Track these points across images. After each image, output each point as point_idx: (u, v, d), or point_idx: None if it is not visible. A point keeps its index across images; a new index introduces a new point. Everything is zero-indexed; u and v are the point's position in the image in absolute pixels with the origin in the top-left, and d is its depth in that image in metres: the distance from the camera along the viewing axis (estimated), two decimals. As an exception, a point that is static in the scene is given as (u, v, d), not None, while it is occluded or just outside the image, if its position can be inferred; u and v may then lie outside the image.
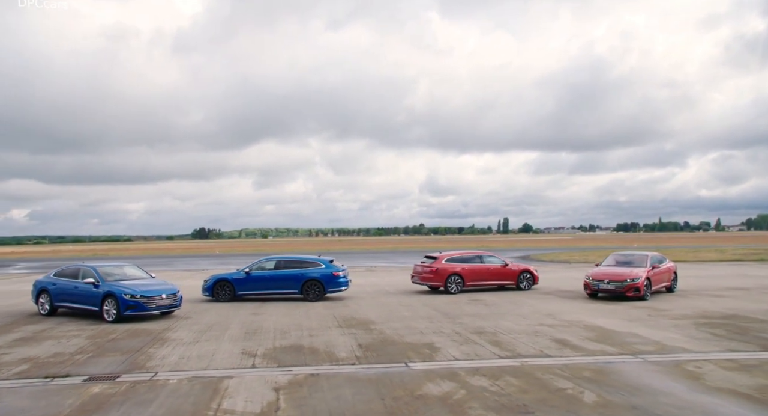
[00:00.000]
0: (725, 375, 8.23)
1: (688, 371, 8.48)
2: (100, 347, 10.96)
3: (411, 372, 8.69)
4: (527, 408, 6.72)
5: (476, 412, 6.61)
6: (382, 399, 7.18)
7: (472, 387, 7.73)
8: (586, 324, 12.77)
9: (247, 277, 17.89)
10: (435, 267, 19.31)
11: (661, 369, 8.60)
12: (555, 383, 7.86)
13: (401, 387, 7.79)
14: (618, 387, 7.58)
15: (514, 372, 8.50)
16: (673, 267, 19.20)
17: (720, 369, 8.56)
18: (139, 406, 7.00)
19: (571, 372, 8.45)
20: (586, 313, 14.52)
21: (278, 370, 8.89)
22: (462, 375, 8.42)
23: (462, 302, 16.90)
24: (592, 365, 8.95)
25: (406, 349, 10.37)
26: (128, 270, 15.66)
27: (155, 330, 12.79)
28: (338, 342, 11.07)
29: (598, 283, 17.37)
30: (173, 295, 14.62)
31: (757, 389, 7.45)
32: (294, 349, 10.51)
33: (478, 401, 7.04)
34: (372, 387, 7.80)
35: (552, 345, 10.51)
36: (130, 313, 13.77)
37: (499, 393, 7.41)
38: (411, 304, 16.71)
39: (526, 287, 20.10)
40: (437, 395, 7.36)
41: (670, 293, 18.81)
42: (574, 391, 7.44)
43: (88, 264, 15.32)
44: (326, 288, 17.63)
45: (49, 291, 15.27)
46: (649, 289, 17.14)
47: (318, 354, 10.09)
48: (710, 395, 7.21)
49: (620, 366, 8.83)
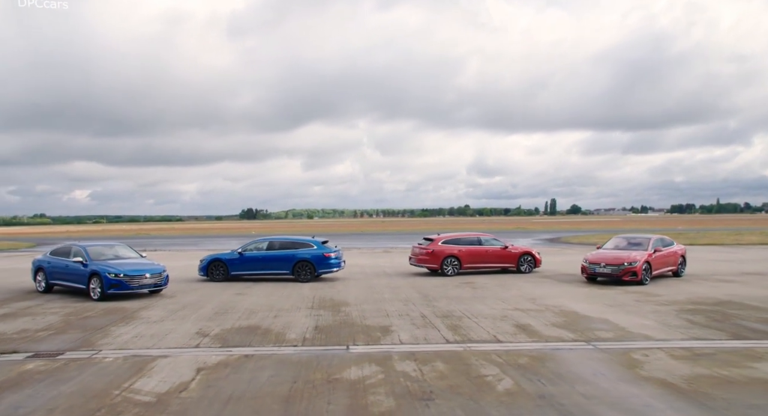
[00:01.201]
0: (667, 363, 7.79)
1: (632, 359, 8.07)
2: (68, 324, 11.27)
3: (346, 355, 8.59)
4: (431, 395, 6.53)
5: (375, 398, 6.46)
6: (294, 382, 7.11)
7: (394, 372, 7.57)
8: (563, 309, 12.34)
9: (240, 257, 18.09)
10: (431, 249, 19.06)
11: (603, 357, 8.22)
12: (481, 370, 7.61)
13: (323, 370, 7.69)
14: (542, 375, 7.28)
15: (449, 358, 8.28)
16: (680, 251, 18.36)
17: (667, 358, 8.12)
18: (55, 384, 7.14)
19: (508, 359, 8.17)
20: (570, 297, 14.05)
21: (217, 351, 8.93)
22: (394, 359, 8.26)
23: (451, 285, 16.64)
24: (535, 352, 8.63)
25: (358, 332, 10.27)
26: (119, 250, 16.05)
27: (131, 308, 13.08)
28: (297, 324, 11.05)
29: (594, 267, 16.79)
30: (158, 274, 14.91)
31: (688, 379, 7.02)
32: (249, 330, 10.55)
33: (388, 386, 6.89)
34: (294, 369, 7.74)
35: (510, 330, 10.20)
36: (113, 291, 14.13)
37: (416, 378, 7.22)
38: (399, 286, 16.56)
39: (526, 270, 19.62)
40: (352, 379, 7.23)
41: (676, 277, 18.01)
42: (494, 379, 7.18)
43: (80, 244, 15.75)
44: (317, 269, 17.65)
45: (45, 270, 15.82)
46: (649, 273, 16.44)
47: (269, 335, 10.10)
48: (633, 384, 6.84)
49: (563, 354, 8.49)
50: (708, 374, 7.31)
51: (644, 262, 16.28)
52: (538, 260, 19.90)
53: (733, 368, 7.58)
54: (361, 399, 6.41)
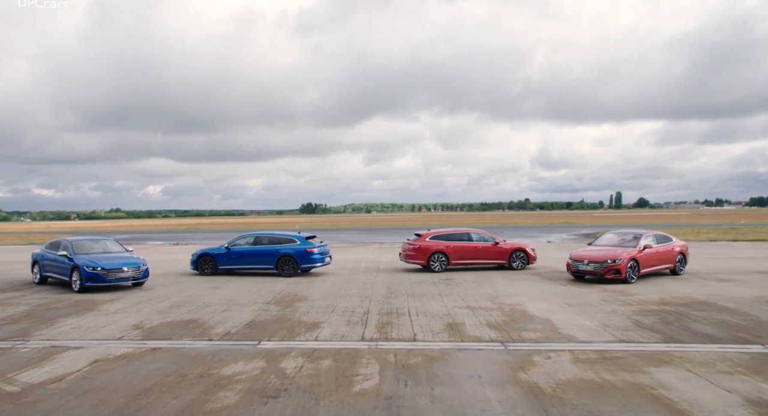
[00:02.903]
0: (560, 367, 7.47)
1: (528, 361, 7.78)
2: (28, 315, 11.89)
3: (249, 350, 8.69)
4: (280, 393, 6.53)
5: (225, 393, 6.53)
6: (167, 376, 7.27)
7: (273, 368, 7.61)
8: (514, 308, 12.00)
9: (227, 252, 18.51)
10: (418, 245, 18.89)
11: (500, 359, 7.97)
12: (360, 369, 7.54)
13: (208, 364, 7.83)
14: (416, 376, 7.15)
15: (344, 356, 8.25)
16: (679, 248, 17.42)
17: (567, 361, 7.78)
18: (-48, 371, 7.55)
19: (401, 358, 8.06)
20: (535, 296, 13.63)
21: (132, 343, 9.23)
22: (290, 355, 8.31)
23: (429, 282, 16.45)
24: (438, 351, 8.46)
25: (286, 327, 10.35)
26: (105, 245, 16.74)
27: (100, 300, 13.66)
28: (235, 318, 11.24)
29: (577, 264, 16.21)
30: (136, 268, 15.48)
31: (561, 383, 6.72)
32: (184, 324, 10.82)
33: (250, 383, 6.94)
34: (182, 364, 7.90)
35: (437, 329, 10.03)
36: (91, 284, 14.78)
37: (287, 376, 7.24)
38: (375, 282, 16.52)
39: (518, 266, 19.12)
40: (225, 375, 7.32)
41: (674, 275, 17.14)
42: (363, 378, 7.10)
43: (68, 239, 16.54)
44: (299, 264, 17.84)
45: (39, 263, 16.71)
46: (636, 271, 15.71)
47: (198, 329, 10.33)
48: (498, 388, 6.61)
49: (464, 354, 8.28)
50: (589, 378, 6.96)
51: (630, 259, 15.56)
52: (531, 257, 19.35)
53: (624, 372, 7.19)
54: (210, 395, 6.49)
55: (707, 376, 7.03)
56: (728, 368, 7.41)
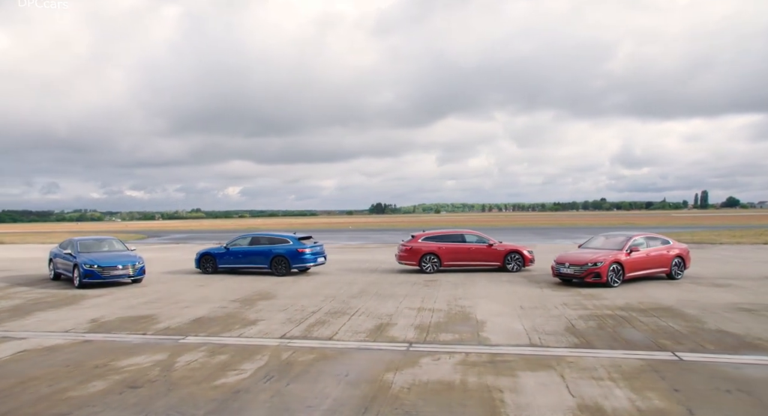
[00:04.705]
0: (438, 368, 7.53)
1: (413, 362, 7.88)
2: (15, 308, 13.08)
3: (167, 344, 9.24)
4: (146, 384, 6.99)
5: (95, 383, 7.07)
6: (66, 366, 7.92)
7: (168, 361, 8.10)
8: (464, 311, 12.01)
9: (226, 252, 19.36)
10: (409, 246, 19.03)
11: (386, 359, 8.10)
12: (244, 364, 7.91)
13: (111, 356, 8.43)
14: (283, 373, 7.44)
15: (246, 352, 8.63)
16: (676, 252, 16.67)
17: (450, 364, 7.82)
18: None
19: (294, 356, 8.36)
20: (498, 298, 13.52)
21: (73, 336, 10.02)
22: (199, 349, 8.80)
23: (410, 283, 16.59)
24: (337, 350, 8.70)
25: (223, 324, 10.87)
26: (109, 244, 17.93)
27: (88, 295, 14.74)
28: (188, 314, 11.89)
29: (559, 267, 15.87)
30: (131, 266, 16.52)
31: (416, 384, 6.81)
32: (137, 319, 11.57)
33: (132, 374, 7.45)
34: (92, 355, 8.55)
35: (362, 330, 10.24)
36: (87, 280, 15.92)
37: (172, 368, 7.71)
38: (357, 282, 16.82)
39: (513, 268, 18.87)
40: (119, 366, 7.89)
41: (671, 280, 16.45)
42: (236, 373, 7.48)
43: (75, 238, 17.85)
44: (291, 264, 18.41)
45: (53, 260, 18.12)
46: (620, 275, 15.19)
47: (143, 323, 11.04)
48: (347, 386, 6.79)
49: (356, 354, 8.48)
50: (449, 380, 7.01)
51: (612, 263, 15.09)
52: (527, 259, 19.03)
53: (492, 376, 7.18)
54: (82, 384, 7.04)
55: (572, 381, 6.92)
56: (605, 374, 7.24)
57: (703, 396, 6.35)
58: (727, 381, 6.91)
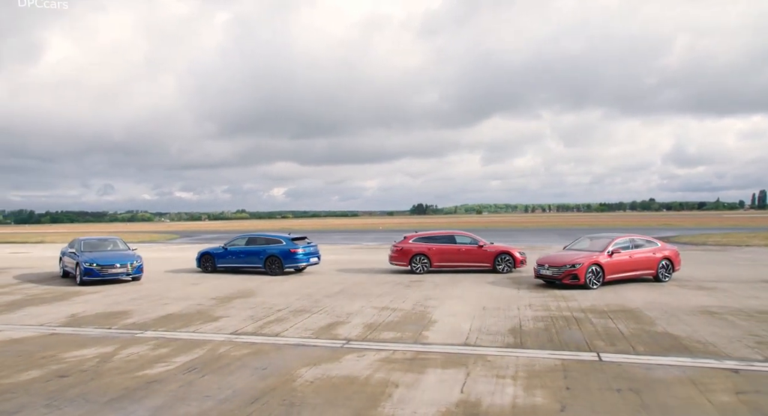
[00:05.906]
0: (354, 364, 7.84)
1: (335, 358, 8.21)
2: (12, 303, 14.02)
3: (123, 337, 9.84)
4: (76, 373, 7.56)
5: (37, 371, 7.67)
6: (18, 357, 8.59)
7: (112, 353, 8.68)
8: (425, 311, 12.24)
9: (224, 251, 20.09)
10: (400, 247, 19.31)
11: (312, 355, 8.44)
12: (179, 357, 8.40)
13: (66, 348, 9.06)
14: (207, 365, 7.88)
15: (188, 346, 9.13)
16: (663, 254, 16.43)
17: (368, 361, 8.11)
18: None
19: (230, 350, 8.80)
20: (468, 299, 13.68)
21: (46, 329, 10.76)
22: (148, 343, 9.35)
23: (394, 283, 16.88)
24: (275, 346, 9.10)
25: (188, 320, 11.43)
26: (112, 244, 18.87)
27: (84, 292, 15.62)
28: (162, 311, 12.53)
29: (540, 268, 15.90)
30: (128, 265, 17.37)
31: (321, 378, 7.15)
32: (113, 314, 12.26)
33: (74, 364, 8.04)
34: (49, 346, 9.21)
35: (314, 328, 10.60)
36: (87, 278, 16.83)
37: (110, 360, 8.28)
38: (344, 282, 17.23)
39: (504, 270, 18.92)
40: (65, 357, 8.50)
41: (657, 282, 16.26)
42: (164, 364, 7.96)
43: (81, 238, 18.86)
44: (284, 263, 18.97)
45: (62, 258, 19.19)
46: (600, 277, 15.11)
47: (116, 318, 11.72)
48: (257, 379, 7.18)
49: (290, 350, 8.84)
50: (356, 375, 7.31)
51: (591, 264, 15.04)
52: (518, 260, 19.04)
53: (400, 372, 7.43)
54: (18, 373, 7.65)
55: (472, 379, 7.12)
56: (512, 373, 7.41)
57: (589, 395, 6.47)
58: (626, 381, 7.00)
